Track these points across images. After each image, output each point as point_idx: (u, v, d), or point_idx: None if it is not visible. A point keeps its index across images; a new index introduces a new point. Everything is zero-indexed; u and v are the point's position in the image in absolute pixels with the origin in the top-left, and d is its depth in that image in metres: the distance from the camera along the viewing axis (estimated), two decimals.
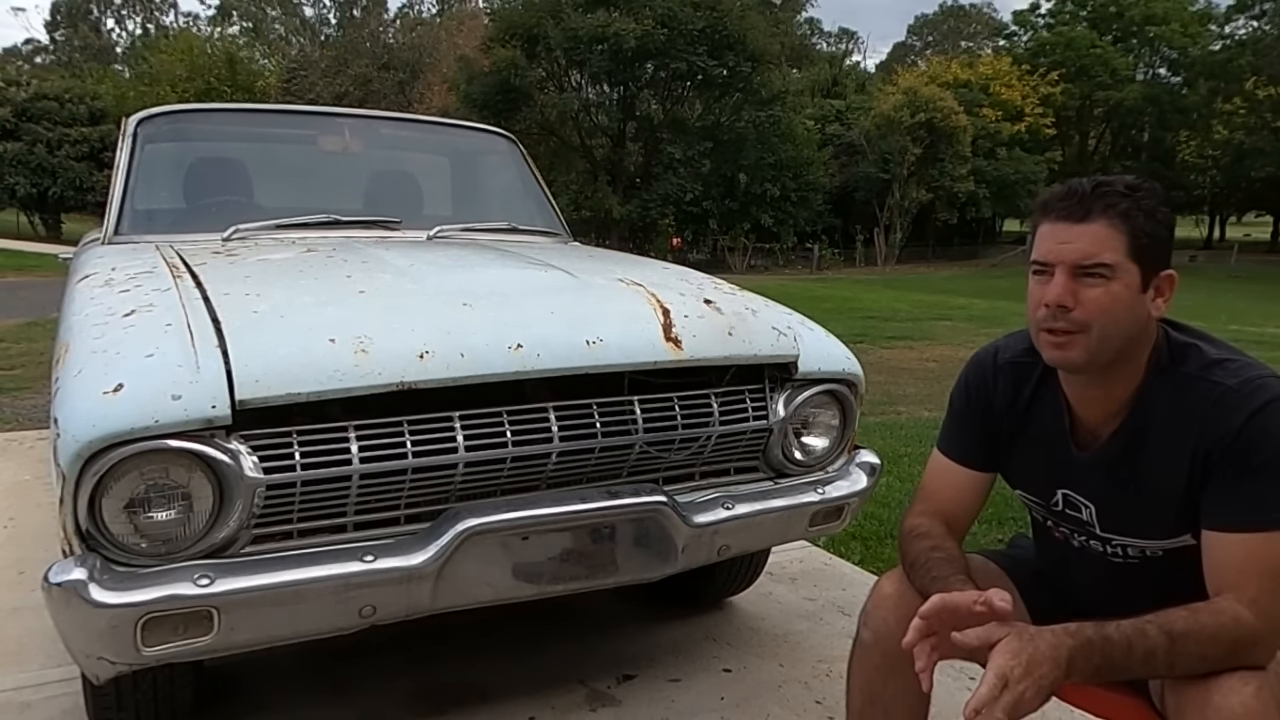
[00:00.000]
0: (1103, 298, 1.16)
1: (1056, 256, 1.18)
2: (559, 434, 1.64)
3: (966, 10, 58.06)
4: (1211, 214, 46.64)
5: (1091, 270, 1.16)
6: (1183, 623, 1.09)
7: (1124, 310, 1.17)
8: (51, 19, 54.37)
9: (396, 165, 3.27)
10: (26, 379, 5.93)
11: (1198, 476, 1.18)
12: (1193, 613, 1.10)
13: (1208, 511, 1.18)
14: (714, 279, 2.21)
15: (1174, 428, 1.20)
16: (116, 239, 2.41)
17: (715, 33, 25.66)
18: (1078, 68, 37.95)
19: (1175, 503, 1.21)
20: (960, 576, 1.25)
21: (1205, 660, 1.09)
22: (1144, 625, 1.09)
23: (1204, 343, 1.25)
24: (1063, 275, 1.17)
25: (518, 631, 2.38)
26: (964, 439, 1.45)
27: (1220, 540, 1.16)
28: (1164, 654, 1.08)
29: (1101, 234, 1.15)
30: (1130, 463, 1.25)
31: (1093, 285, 1.16)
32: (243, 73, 28.89)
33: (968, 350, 9.13)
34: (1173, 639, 1.08)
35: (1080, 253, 1.16)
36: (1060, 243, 1.18)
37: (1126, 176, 1.20)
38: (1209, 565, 1.17)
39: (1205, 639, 1.08)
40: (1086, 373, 1.24)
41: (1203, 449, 1.17)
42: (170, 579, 1.36)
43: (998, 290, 20.11)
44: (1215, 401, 1.17)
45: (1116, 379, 1.24)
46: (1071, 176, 1.38)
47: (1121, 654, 1.07)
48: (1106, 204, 1.16)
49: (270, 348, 1.48)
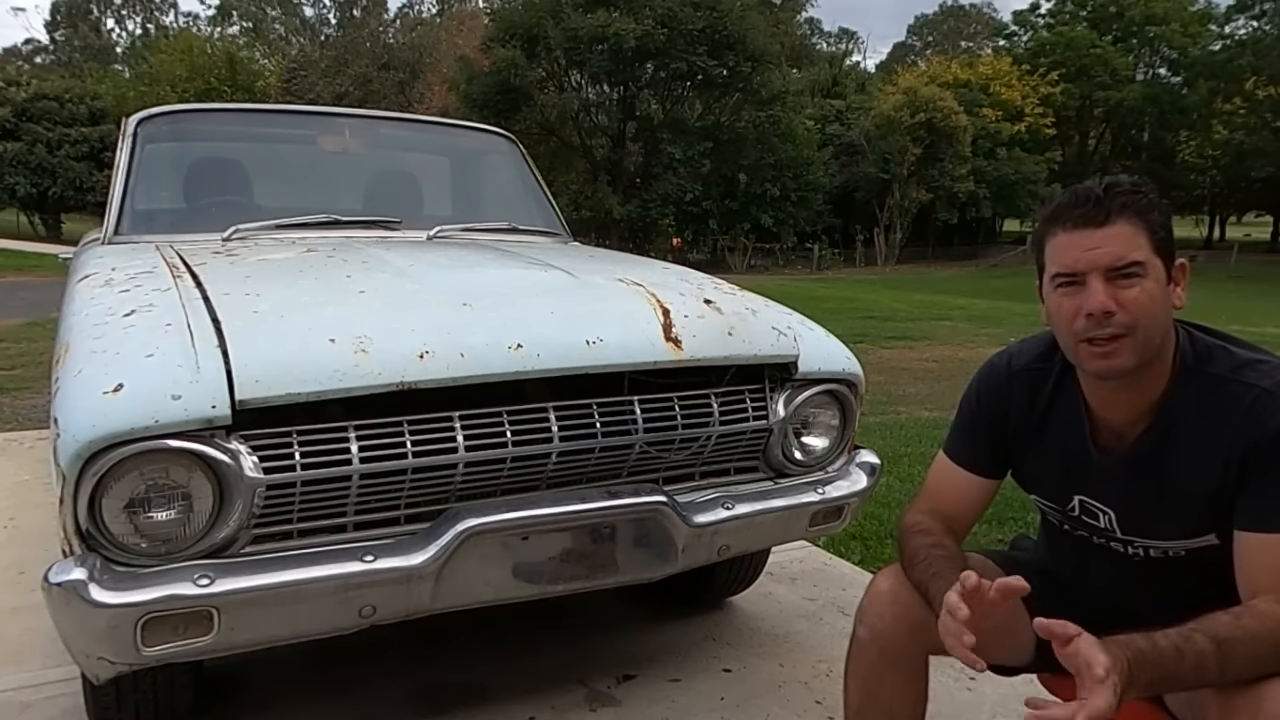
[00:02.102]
0: (1140, 296, 1.16)
1: (1088, 264, 1.16)
2: (559, 434, 1.64)
3: (966, 10, 58.09)
4: (1211, 214, 46.61)
5: (1125, 271, 1.15)
6: (1227, 628, 1.07)
7: (1160, 306, 1.17)
8: (51, 19, 54.48)
9: (396, 165, 3.27)
10: (26, 379, 5.93)
11: (1232, 478, 1.17)
12: (1236, 617, 1.08)
13: (1244, 513, 1.17)
14: (714, 279, 2.21)
15: (1204, 429, 1.20)
16: (116, 239, 2.41)
17: (715, 33, 25.65)
18: (1078, 68, 37.94)
19: (1202, 503, 1.21)
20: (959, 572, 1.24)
21: (1256, 664, 1.07)
22: (1189, 633, 1.06)
23: (1231, 344, 1.24)
24: (1098, 281, 1.16)
25: (518, 631, 2.38)
26: (972, 446, 1.44)
27: (1259, 542, 1.15)
28: (1215, 661, 1.05)
29: (1126, 233, 1.15)
30: (1157, 464, 1.24)
31: (1129, 286, 1.16)
32: (243, 73, 28.92)
33: (968, 350, 9.07)
34: (1219, 644, 1.05)
35: (1112, 255, 1.15)
36: (1087, 250, 1.16)
37: (1123, 176, 1.20)
38: (1245, 567, 1.16)
39: (1254, 641, 1.06)
40: (1132, 376, 1.22)
41: (1238, 451, 1.16)
42: (170, 579, 1.36)
43: (998, 290, 20.10)
44: (1251, 403, 1.16)
45: (1144, 380, 1.23)
46: (1071, 177, 1.38)
47: (1174, 662, 1.04)
48: (1123, 203, 1.16)
49: (270, 348, 1.48)
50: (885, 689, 1.39)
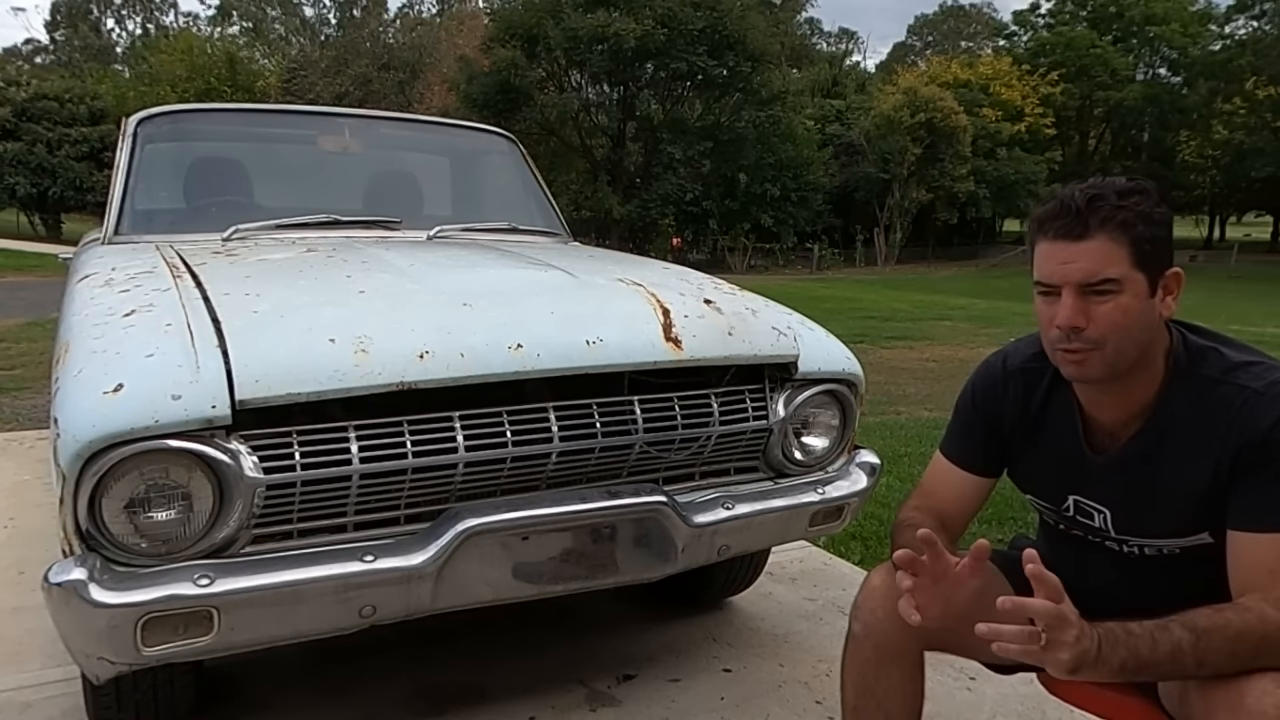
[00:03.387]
0: (1114, 313, 1.15)
1: (1061, 277, 1.17)
2: (559, 434, 1.64)
3: (966, 10, 58.06)
4: (1211, 214, 46.61)
5: (1098, 288, 1.15)
6: (1206, 619, 1.08)
7: (1136, 320, 1.17)
8: (51, 19, 54.44)
9: (396, 165, 3.27)
10: (26, 379, 5.93)
11: (1223, 478, 1.18)
12: (1217, 610, 1.09)
13: (1236, 512, 1.18)
14: (714, 279, 2.21)
15: (1196, 430, 1.20)
16: (116, 239, 2.41)
17: (715, 33, 25.65)
18: (1078, 68, 37.95)
19: (1195, 502, 1.21)
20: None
21: (1234, 658, 1.08)
22: (1167, 623, 1.08)
23: (1223, 345, 1.25)
24: (1070, 296, 1.16)
25: (518, 631, 2.38)
26: (968, 444, 1.45)
27: (1249, 541, 1.16)
28: (1190, 649, 1.06)
29: (1103, 249, 1.14)
30: (1150, 464, 1.25)
31: (1102, 302, 1.15)
32: (243, 73, 28.95)
33: (968, 350, 9.05)
34: (1197, 635, 1.07)
35: (1085, 271, 1.15)
36: (1062, 263, 1.16)
37: (1119, 181, 1.18)
38: (1236, 565, 1.17)
39: (1232, 635, 1.07)
40: (1115, 381, 1.23)
41: (1229, 452, 1.17)
42: (170, 579, 1.36)
43: (998, 290, 20.11)
44: (1241, 404, 1.17)
45: (1134, 383, 1.24)
46: (1071, 177, 1.38)
47: (1147, 648, 1.06)
48: (1103, 217, 1.14)
49: (270, 348, 1.48)
50: (881, 685, 1.39)
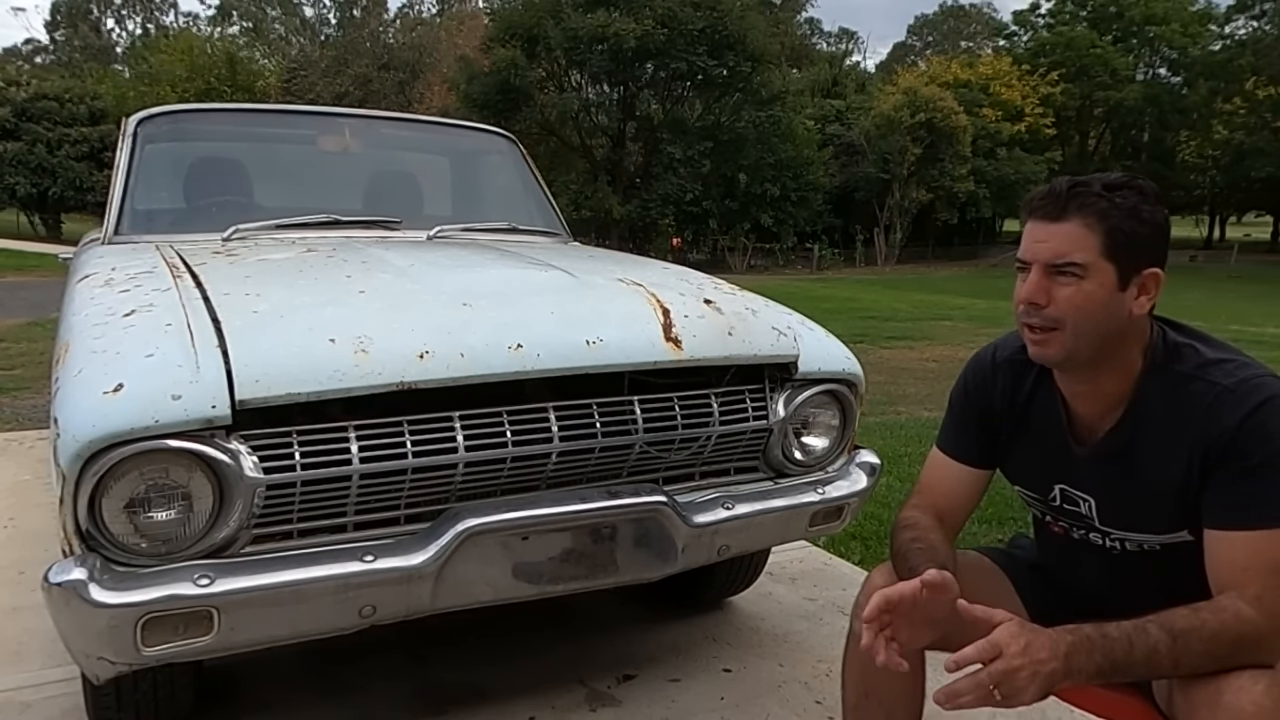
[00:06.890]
0: (1075, 296, 1.19)
1: (1032, 255, 1.22)
2: (559, 434, 1.64)
3: (966, 10, 58.08)
4: (1211, 214, 46.59)
5: (1063, 269, 1.19)
6: (1184, 620, 1.09)
7: (1098, 308, 1.19)
8: (51, 19, 54.44)
9: (396, 165, 3.27)
10: (26, 379, 5.93)
11: (1195, 475, 1.19)
12: (1194, 611, 1.11)
13: (1208, 511, 1.19)
14: (714, 279, 2.21)
15: (1169, 425, 1.22)
16: (116, 239, 2.41)
17: (715, 33, 25.64)
18: (1078, 68, 37.92)
19: (1172, 499, 1.23)
20: (932, 566, 1.24)
21: (1211, 658, 1.09)
22: (1144, 624, 1.09)
23: (1200, 342, 1.26)
24: (1037, 273, 1.21)
25: (518, 632, 2.38)
26: (962, 437, 1.47)
27: (1222, 539, 1.17)
28: (1167, 651, 1.08)
29: (1074, 234, 1.18)
30: (1127, 458, 1.27)
31: (1065, 284, 1.19)
32: (243, 73, 28.92)
33: (968, 350, 9.13)
34: (1174, 636, 1.08)
35: (1052, 252, 1.19)
36: (1036, 241, 1.21)
37: (1111, 175, 1.21)
38: (1211, 564, 1.18)
39: (1208, 636, 1.09)
40: (1067, 369, 1.27)
41: (1200, 448, 1.18)
42: (170, 579, 1.36)
43: (998, 290, 20.09)
44: (1211, 401, 1.18)
45: (1106, 376, 1.26)
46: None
47: (1123, 652, 1.07)
48: (1081, 204, 1.18)
49: (270, 348, 1.48)
50: (882, 685, 1.40)
